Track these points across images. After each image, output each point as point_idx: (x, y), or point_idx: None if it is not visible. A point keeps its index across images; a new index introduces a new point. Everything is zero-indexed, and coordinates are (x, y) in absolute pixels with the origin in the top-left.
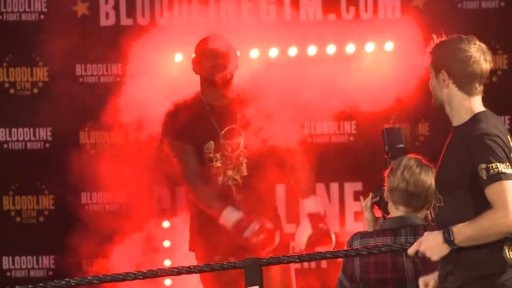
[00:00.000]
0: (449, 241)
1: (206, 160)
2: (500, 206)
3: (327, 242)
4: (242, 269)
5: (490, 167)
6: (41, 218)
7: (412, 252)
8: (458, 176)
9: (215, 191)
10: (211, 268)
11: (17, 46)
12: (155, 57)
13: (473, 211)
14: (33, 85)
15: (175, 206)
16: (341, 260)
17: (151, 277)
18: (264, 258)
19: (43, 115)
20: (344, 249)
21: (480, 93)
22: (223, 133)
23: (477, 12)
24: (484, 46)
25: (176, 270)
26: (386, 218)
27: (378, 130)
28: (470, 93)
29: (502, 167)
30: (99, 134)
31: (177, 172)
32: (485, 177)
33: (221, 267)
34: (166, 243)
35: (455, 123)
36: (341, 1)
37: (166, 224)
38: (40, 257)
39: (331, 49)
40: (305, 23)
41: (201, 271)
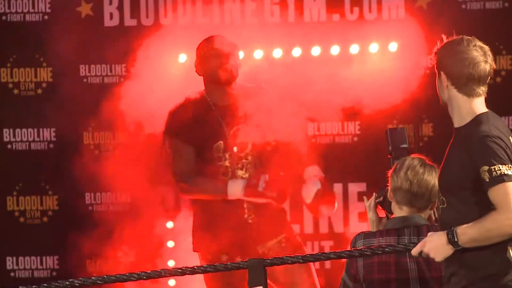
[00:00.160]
0: (453, 242)
1: (215, 160)
2: (504, 207)
3: (332, 202)
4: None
5: (492, 169)
6: (45, 219)
7: (416, 252)
8: (461, 178)
9: (211, 178)
10: (215, 268)
11: (21, 47)
12: (159, 58)
13: (476, 212)
14: (37, 86)
15: (179, 207)
16: (344, 260)
17: (155, 278)
18: (268, 259)
19: (47, 115)
20: (348, 249)
21: (481, 94)
22: (231, 132)
23: (481, 13)
24: (485, 47)
25: (180, 270)
26: (390, 218)
27: (382, 131)
28: (469, 94)
29: (505, 168)
30: (103, 135)
31: (173, 171)
32: (487, 179)
33: (224, 267)
34: (170, 243)
35: (456, 124)
36: (345, 1)
37: (170, 224)
38: (44, 258)
39: (335, 49)
40: (309, 23)
41: (205, 271)
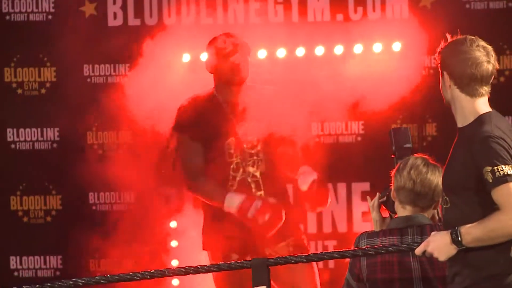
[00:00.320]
0: (457, 241)
1: (226, 156)
2: (507, 208)
3: (326, 195)
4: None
5: (495, 170)
6: (48, 218)
7: (419, 252)
8: (464, 178)
9: (216, 183)
10: (219, 268)
11: (24, 47)
12: (163, 58)
13: (480, 212)
14: (41, 85)
15: (183, 206)
16: (348, 260)
17: (159, 277)
18: (272, 258)
19: (50, 115)
20: (351, 249)
21: (484, 94)
22: (242, 129)
23: (485, 13)
24: (489, 47)
25: (184, 270)
26: (393, 218)
27: (385, 130)
28: (472, 94)
29: (508, 169)
30: (107, 135)
31: (179, 168)
32: (491, 179)
33: (228, 267)
34: (174, 243)
35: (460, 124)
36: (348, 1)
37: (173, 224)
38: (47, 257)
39: (338, 49)
40: (312, 23)
41: (208, 271)
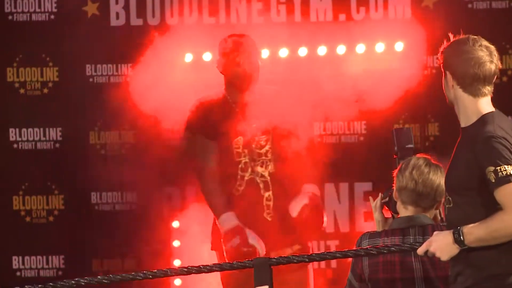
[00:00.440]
0: (459, 241)
1: (234, 155)
2: (510, 208)
3: (319, 218)
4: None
5: (498, 170)
6: (51, 218)
7: (421, 252)
8: (467, 178)
9: (223, 194)
10: (221, 267)
11: (27, 46)
12: (165, 58)
13: (482, 212)
14: (43, 85)
15: (185, 206)
16: (350, 260)
17: (161, 277)
18: (274, 258)
19: (53, 115)
20: (354, 249)
21: (487, 94)
22: (251, 129)
23: (487, 12)
24: (491, 47)
25: (186, 269)
26: (395, 218)
27: (387, 130)
28: (475, 94)
29: (510, 169)
30: (109, 134)
31: (193, 167)
32: (493, 180)
33: (230, 266)
34: (176, 243)
35: (463, 124)
36: (351, 1)
37: (176, 224)
38: (50, 257)
39: (341, 49)
40: (315, 23)
41: (210, 270)
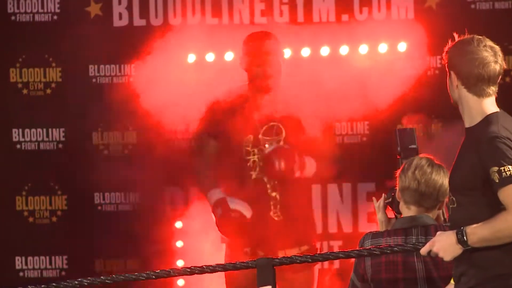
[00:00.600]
0: (462, 242)
1: (243, 153)
2: None
3: (291, 156)
4: None
5: (502, 170)
6: (54, 219)
7: (425, 252)
8: (471, 179)
9: (213, 174)
10: (224, 268)
11: (30, 47)
12: (168, 58)
13: (486, 212)
14: (46, 86)
15: (188, 207)
16: (353, 260)
17: (164, 277)
18: (277, 258)
19: (56, 115)
20: (357, 249)
21: (492, 94)
22: (264, 129)
23: (490, 13)
24: (496, 47)
25: (189, 270)
26: (398, 218)
27: (390, 131)
28: (479, 94)
29: None
30: (112, 135)
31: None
32: (497, 180)
33: (233, 266)
34: (179, 243)
35: (467, 124)
36: (354, 1)
37: (179, 224)
38: (53, 257)
39: (344, 49)
40: (318, 23)
41: (213, 271)
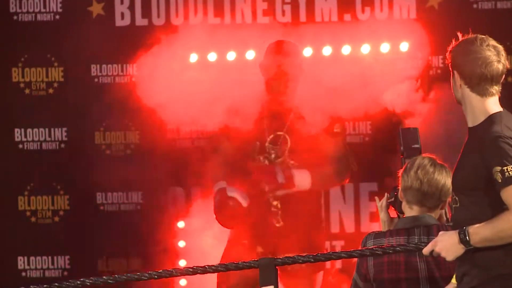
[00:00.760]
0: (465, 241)
1: (250, 159)
2: None
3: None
4: None
5: (505, 170)
6: (56, 218)
7: (427, 251)
8: (473, 178)
9: (225, 170)
10: (226, 267)
11: (32, 47)
12: (170, 58)
13: (489, 212)
14: (48, 86)
15: (190, 207)
16: (355, 260)
17: (166, 277)
18: (279, 258)
19: (58, 115)
20: (359, 249)
21: (495, 94)
22: (270, 138)
23: (492, 13)
24: (499, 46)
25: (191, 270)
26: (401, 218)
27: (393, 131)
28: (482, 94)
29: None
30: (114, 135)
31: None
32: (500, 179)
33: (236, 266)
34: (181, 243)
35: (470, 124)
36: (356, 1)
37: (181, 224)
38: (55, 257)
39: (346, 49)
40: (320, 23)
41: (216, 270)
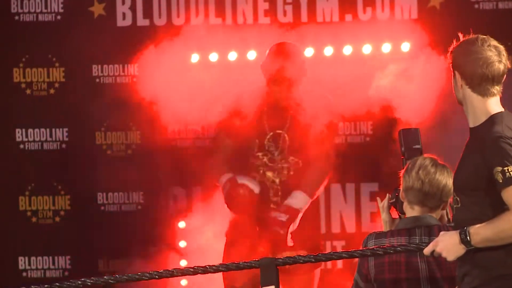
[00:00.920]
0: (465, 242)
1: (249, 156)
2: None
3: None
4: None
5: (506, 170)
6: (57, 219)
7: (428, 252)
8: (474, 178)
9: (228, 167)
10: (227, 267)
11: (33, 47)
12: (171, 58)
13: (490, 212)
14: (50, 86)
15: (191, 207)
16: (356, 260)
17: (167, 277)
18: (280, 258)
19: (59, 115)
20: (360, 249)
21: (496, 94)
22: (270, 136)
23: (494, 13)
24: (500, 47)
25: (192, 270)
26: (402, 218)
27: (394, 131)
28: (483, 94)
29: None
30: (115, 135)
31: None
32: (501, 180)
33: (236, 266)
34: (182, 243)
35: (471, 124)
36: (357, 1)
37: (182, 224)
38: (56, 258)
39: (347, 49)
40: (321, 23)
41: (216, 270)
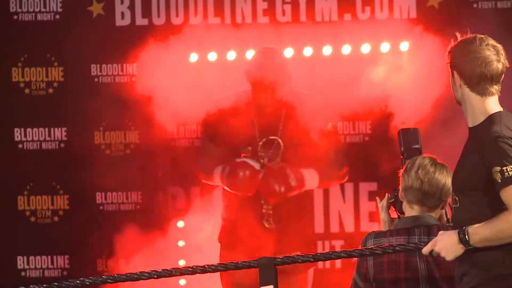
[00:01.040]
0: (464, 241)
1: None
2: None
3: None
4: None
5: (504, 170)
6: (56, 218)
7: (426, 251)
8: (473, 178)
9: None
10: (225, 267)
11: (32, 46)
12: (170, 57)
13: (488, 212)
14: (48, 85)
15: (190, 206)
16: (355, 260)
17: (166, 277)
18: (279, 258)
19: (58, 115)
20: (359, 248)
21: (495, 93)
22: (262, 142)
23: (492, 12)
24: (498, 46)
25: (191, 269)
26: (401, 218)
27: (393, 130)
28: (482, 93)
29: None
30: (114, 134)
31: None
32: (499, 180)
33: (235, 266)
34: (181, 243)
35: (470, 124)
36: (356, 1)
37: (180, 224)
38: (54, 257)
39: (346, 49)
40: (320, 23)
41: (215, 270)
